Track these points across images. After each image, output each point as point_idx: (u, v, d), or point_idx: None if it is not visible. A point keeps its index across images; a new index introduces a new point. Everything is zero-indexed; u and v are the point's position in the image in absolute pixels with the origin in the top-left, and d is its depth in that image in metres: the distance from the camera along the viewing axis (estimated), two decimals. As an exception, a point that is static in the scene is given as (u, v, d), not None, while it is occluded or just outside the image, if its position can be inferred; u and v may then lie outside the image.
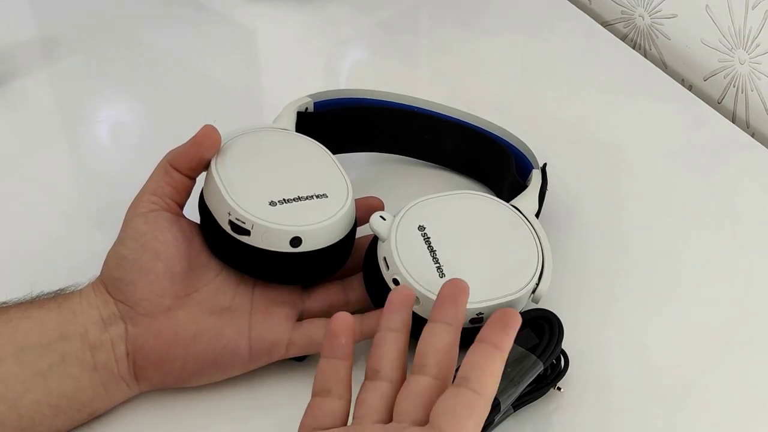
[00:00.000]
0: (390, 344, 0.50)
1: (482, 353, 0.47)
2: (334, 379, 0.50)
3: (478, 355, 0.47)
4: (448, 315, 0.50)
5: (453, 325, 0.50)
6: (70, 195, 0.75)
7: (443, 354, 0.49)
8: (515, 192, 0.65)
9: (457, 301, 0.50)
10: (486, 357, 0.47)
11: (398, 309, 0.51)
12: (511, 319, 0.48)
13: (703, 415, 0.60)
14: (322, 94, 0.70)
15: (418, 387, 0.48)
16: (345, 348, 0.50)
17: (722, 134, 0.81)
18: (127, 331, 0.56)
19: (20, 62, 0.84)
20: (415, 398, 0.48)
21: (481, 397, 0.46)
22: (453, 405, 0.46)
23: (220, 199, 0.57)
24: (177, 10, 0.92)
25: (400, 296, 0.52)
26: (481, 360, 0.47)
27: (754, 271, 0.69)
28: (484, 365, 0.47)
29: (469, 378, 0.46)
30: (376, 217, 0.59)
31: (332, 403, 0.49)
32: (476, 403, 0.46)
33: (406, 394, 0.48)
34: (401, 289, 0.52)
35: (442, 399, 0.46)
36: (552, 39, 0.91)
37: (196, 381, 0.58)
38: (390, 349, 0.50)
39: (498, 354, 0.47)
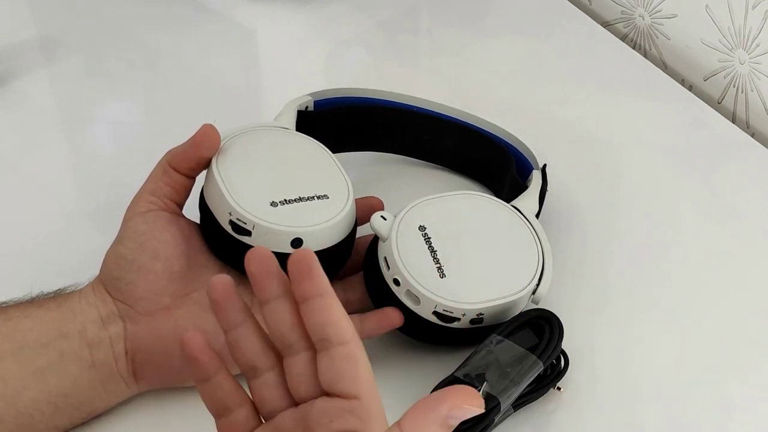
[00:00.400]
0: (248, 338, 0.47)
1: (316, 309, 0.44)
2: (221, 395, 0.47)
3: (315, 314, 0.44)
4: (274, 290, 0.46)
5: (284, 296, 0.46)
6: (70, 195, 0.75)
7: (299, 326, 0.46)
8: (515, 192, 0.65)
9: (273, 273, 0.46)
10: (322, 310, 0.44)
11: (228, 304, 0.47)
12: (305, 260, 0.44)
13: (703, 415, 0.60)
14: (322, 93, 0.70)
15: (299, 367, 0.46)
16: (210, 364, 0.47)
17: (722, 134, 0.81)
18: (126, 330, 0.56)
19: (20, 62, 0.84)
20: (305, 378, 0.46)
21: (349, 343, 0.44)
22: (336, 369, 0.44)
23: (221, 198, 0.57)
24: (177, 10, 0.92)
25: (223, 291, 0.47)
26: (320, 316, 0.44)
27: (755, 271, 0.69)
28: (328, 317, 0.44)
29: (327, 337, 0.44)
30: (377, 217, 0.59)
31: (237, 414, 0.47)
32: (351, 352, 0.44)
33: (295, 378, 0.46)
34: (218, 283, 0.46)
35: (322, 369, 0.45)
36: (552, 39, 0.91)
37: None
38: (251, 342, 0.47)
39: (325, 300, 0.44)
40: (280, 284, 0.46)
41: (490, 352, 0.57)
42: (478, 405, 0.44)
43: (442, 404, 0.44)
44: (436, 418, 0.43)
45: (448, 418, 0.44)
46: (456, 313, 0.57)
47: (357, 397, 0.44)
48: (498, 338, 0.57)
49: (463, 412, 0.44)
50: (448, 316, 0.57)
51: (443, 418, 0.44)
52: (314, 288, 0.44)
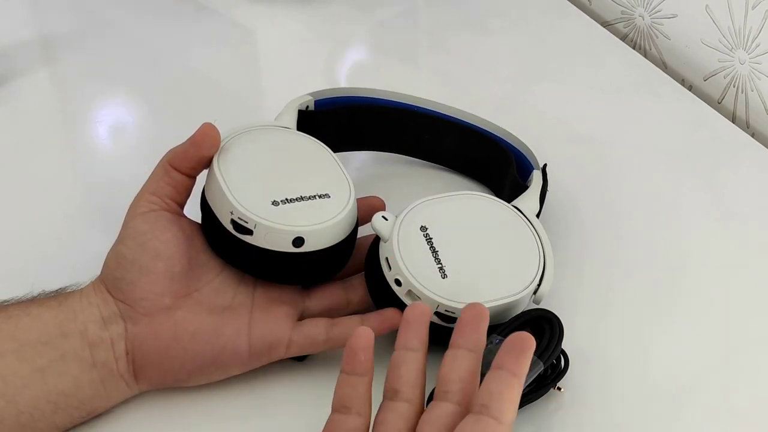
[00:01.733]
0: (409, 364, 0.50)
1: (500, 380, 0.46)
2: (353, 395, 0.49)
3: (496, 383, 0.46)
4: (471, 341, 0.50)
5: (474, 351, 0.49)
6: (70, 195, 0.75)
7: (466, 381, 0.49)
8: (516, 192, 0.65)
9: (479, 328, 0.50)
10: (504, 384, 0.46)
11: (415, 327, 0.50)
12: (526, 343, 0.47)
13: (703, 415, 0.60)
14: (323, 93, 0.70)
15: (441, 413, 0.48)
16: (365, 364, 0.49)
17: (722, 134, 0.81)
18: (127, 330, 0.56)
19: (20, 62, 0.84)
20: (438, 424, 0.47)
21: (501, 425, 0.46)
22: (476, 430, 0.45)
23: (222, 198, 0.57)
24: (177, 10, 0.92)
25: (417, 313, 0.51)
26: (499, 387, 0.46)
27: (755, 271, 0.69)
28: (503, 392, 0.46)
29: (489, 406, 0.46)
30: (379, 218, 0.59)
31: (352, 420, 0.49)
32: (497, 430, 0.46)
33: (429, 419, 0.48)
34: (418, 306, 0.51)
35: (464, 425, 0.46)
36: (552, 39, 0.91)
37: (195, 380, 0.58)
38: (409, 370, 0.50)
39: (516, 381, 0.47)
40: (479, 342, 0.50)
41: (490, 351, 0.57)
42: None
43: None
44: None
45: None
46: (457, 314, 0.57)
47: None
48: (498, 338, 0.57)
49: None
50: (450, 316, 0.57)
51: None
52: (514, 366, 0.47)
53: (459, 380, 0.48)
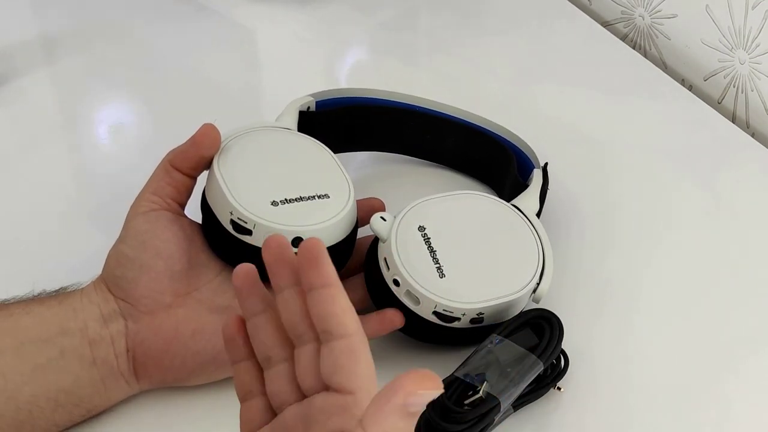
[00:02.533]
0: (263, 328, 0.47)
1: (320, 300, 0.44)
2: (248, 379, 0.48)
3: (319, 305, 0.44)
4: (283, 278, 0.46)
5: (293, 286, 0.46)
6: (71, 195, 0.75)
7: (307, 316, 0.45)
8: (516, 192, 0.65)
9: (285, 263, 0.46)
10: (326, 302, 0.44)
11: (249, 293, 0.47)
12: (314, 249, 0.44)
13: (703, 415, 0.60)
14: (323, 93, 0.70)
15: (305, 358, 0.46)
16: (244, 348, 0.48)
17: (722, 134, 0.81)
18: (128, 328, 0.56)
19: (20, 62, 0.84)
20: (310, 370, 0.45)
21: (350, 336, 0.44)
22: (334, 362, 0.43)
23: (222, 198, 0.57)
24: (177, 10, 0.92)
25: (243, 279, 0.47)
26: (324, 308, 0.44)
27: (755, 270, 0.69)
28: (330, 310, 0.43)
29: (329, 329, 0.44)
30: (377, 218, 0.59)
31: (256, 402, 0.48)
32: (351, 346, 0.44)
33: (300, 370, 0.46)
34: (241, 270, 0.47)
35: (322, 361, 0.44)
36: (552, 39, 0.91)
37: (195, 379, 0.58)
38: (266, 333, 0.47)
39: (331, 290, 0.44)
40: (294, 273, 0.45)
41: (490, 352, 0.57)
42: (434, 387, 0.42)
43: (397, 394, 0.41)
44: (394, 409, 0.41)
45: (406, 407, 0.41)
46: (456, 313, 0.57)
47: (352, 392, 0.43)
48: (498, 338, 0.57)
49: (420, 399, 0.41)
50: (448, 315, 0.57)
51: (401, 408, 0.41)
52: (320, 278, 0.44)
53: (301, 318, 0.46)
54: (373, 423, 0.41)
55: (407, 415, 0.41)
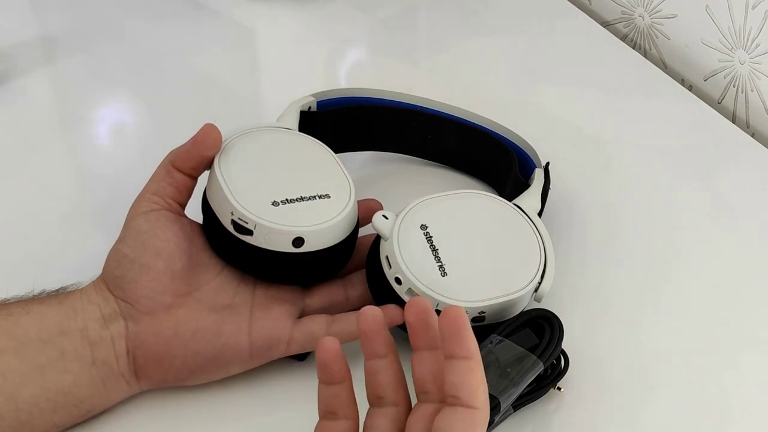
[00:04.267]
0: (384, 371, 0.49)
1: (458, 369, 0.46)
2: (336, 402, 0.49)
3: (456, 374, 0.46)
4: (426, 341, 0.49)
5: (433, 348, 0.49)
6: (70, 195, 0.75)
7: (440, 378, 0.48)
8: (518, 191, 0.65)
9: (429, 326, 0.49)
10: (463, 371, 0.46)
11: (375, 337, 0.49)
12: (458, 320, 0.46)
13: (703, 415, 0.60)
14: (324, 93, 0.70)
15: (425, 412, 0.48)
16: (339, 373, 0.49)
17: (722, 134, 0.81)
18: (128, 328, 0.56)
19: (20, 62, 0.84)
20: (424, 422, 0.48)
21: (477, 410, 0.46)
22: (452, 421, 0.45)
23: (223, 198, 0.57)
24: (177, 9, 0.92)
25: (371, 322, 0.49)
26: (460, 377, 0.46)
27: (755, 270, 0.69)
28: (466, 380, 0.46)
29: (458, 396, 0.46)
30: (379, 216, 0.59)
31: (339, 424, 0.49)
32: (474, 416, 0.46)
33: (414, 419, 0.48)
34: (369, 315, 0.49)
35: (441, 417, 0.46)
36: (552, 39, 0.91)
37: (196, 379, 0.58)
38: (386, 375, 0.49)
39: (470, 362, 0.46)
40: (434, 337, 0.48)
41: (490, 352, 0.57)
42: None
43: None
44: None
45: None
46: (457, 312, 0.57)
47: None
48: (498, 338, 0.57)
49: None
50: (450, 315, 0.57)
51: None
52: (462, 351, 0.46)
53: (433, 379, 0.48)
54: None
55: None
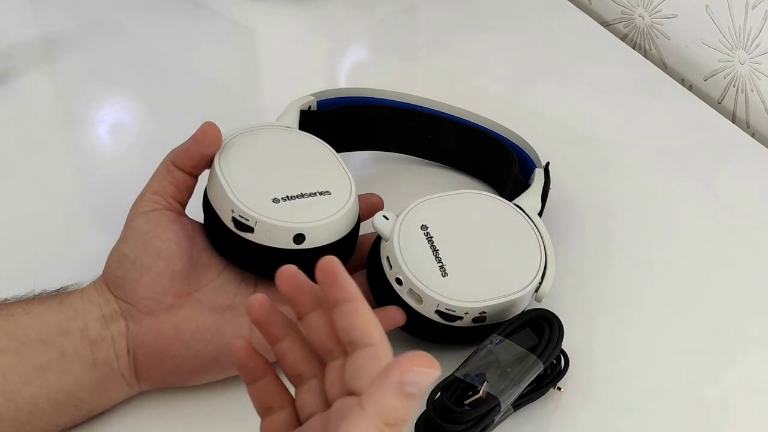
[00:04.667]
0: (291, 350, 0.49)
1: (344, 313, 0.45)
2: (267, 397, 0.49)
3: (343, 318, 0.45)
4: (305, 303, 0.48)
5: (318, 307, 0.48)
6: (71, 195, 0.75)
7: (332, 334, 0.47)
8: (518, 191, 0.65)
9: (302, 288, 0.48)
10: (349, 314, 0.45)
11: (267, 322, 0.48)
12: (331, 268, 0.45)
13: (703, 415, 0.60)
14: (325, 93, 0.70)
15: (334, 371, 0.47)
16: (257, 370, 0.49)
17: (722, 134, 0.81)
18: (128, 328, 0.56)
19: (20, 62, 0.84)
20: (336, 380, 0.47)
21: (374, 345, 0.45)
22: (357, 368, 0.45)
23: (223, 196, 0.57)
24: (177, 9, 0.92)
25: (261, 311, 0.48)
26: (348, 320, 0.45)
27: (755, 270, 0.69)
28: (354, 321, 0.45)
29: (353, 340, 0.45)
30: (379, 217, 0.59)
31: (279, 415, 0.49)
32: (375, 352, 0.45)
33: (329, 382, 0.47)
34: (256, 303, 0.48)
35: (347, 367, 0.45)
36: (552, 39, 0.91)
37: (196, 379, 0.58)
38: (294, 353, 0.49)
39: (354, 304, 0.45)
40: (313, 297, 0.47)
41: (490, 352, 0.57)
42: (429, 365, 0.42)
43: (393, 372, 0.42)
44: (391, 388, 0.41)
45: (403, 385, 0.41)
46: (459, 312, 0.57)
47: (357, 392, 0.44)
48: (498, 338, 0.57)
49: (417, 376, 0.42)
50: (451, 315, 0.57)
51: (397, 385, 0.41)
52: (341, 293, 0.45)
53: (328, 336, 0.47)
54: (371, 402, 0.42)
55: (404, 395, 0.42)
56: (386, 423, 0.42)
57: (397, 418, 0.42)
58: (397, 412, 0.42)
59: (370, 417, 0.41)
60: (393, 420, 0.42)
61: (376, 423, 0.41)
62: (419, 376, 0.42)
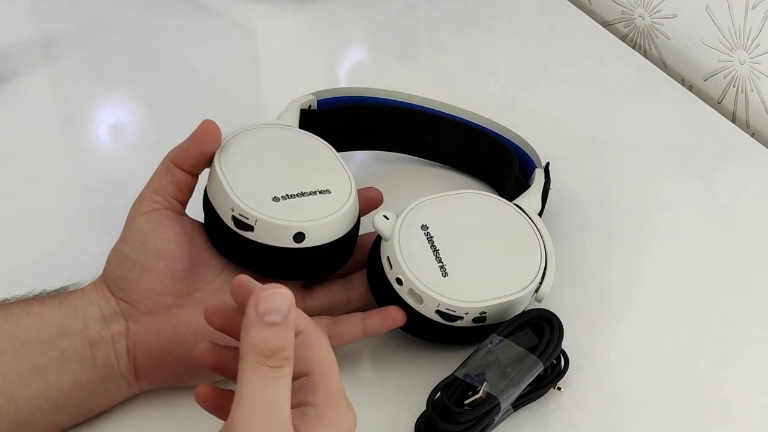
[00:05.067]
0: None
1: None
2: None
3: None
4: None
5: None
6: (70, 195, 0.75)
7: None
8: (518, 191, 0.65)
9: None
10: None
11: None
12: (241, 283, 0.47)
13: (703, 415, 0.60)
14: (325, 92, 0.70)
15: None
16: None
17: (722, 134, 0.81)
18: (128, 328, 0.56)
19: (20, 62, 0.84)
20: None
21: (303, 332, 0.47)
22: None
23: (223, 194, 0.57)
24: (177, 9, 0.92)
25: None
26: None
27: (755, 271, 0.69)
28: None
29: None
30: (380, 217, 0.59)
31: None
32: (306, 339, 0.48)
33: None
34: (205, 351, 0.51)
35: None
36: (552, 39, 0.91)
37: (197, 379, 0.58)
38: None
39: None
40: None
41: (490, 352, 0.57)
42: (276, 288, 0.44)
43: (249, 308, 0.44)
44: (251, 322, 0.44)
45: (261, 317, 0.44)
46: (459, 312, 0.57)
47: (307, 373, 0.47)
48: (498, 338, 0.57)
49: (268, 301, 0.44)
50: (451, 315, 0.57)
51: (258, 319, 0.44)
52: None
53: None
54: (243, 347, 0.44)
55: (267, 325, 0.44)
56: (264, 356, 0.44)
57: (272, 347, 0.44)
58: (267, 342, 0.44)
59: (249, 359, 0.44)
60: (269, 351, 0.44)
61: (255, 361, 0.44)
62: (271, 301, 0.44)
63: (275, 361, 0.44)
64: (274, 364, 0.44)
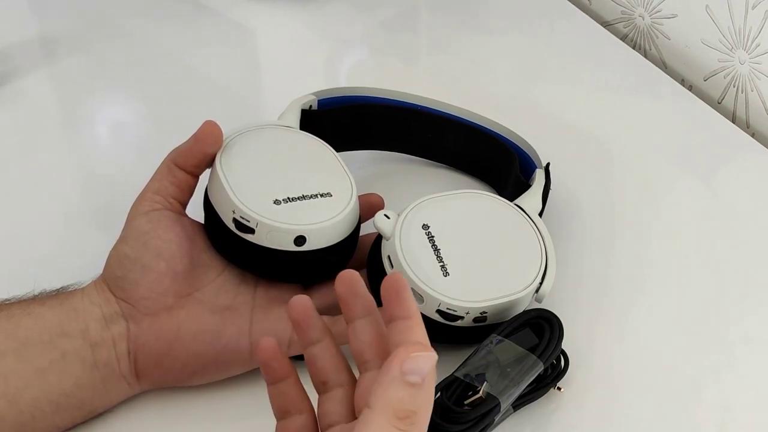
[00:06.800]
0: (323, 355, 0.49)
1: (399, 330, 0.45)
2: (286, 400, 0.49)
3: (397, 334, 0.45)
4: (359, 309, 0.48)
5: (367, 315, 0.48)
6: (71, 195, 0.75)
7: (377, 343, 0.48)
8: (519, 191, 0.65)
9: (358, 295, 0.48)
10: (404, 331, 0.45)
11: (307, 324, 0.49)
12: (398, 283, 0.46)
13: (704, 415, 0.60)
14: (326, 92, 0.70)
15: (367, 382, 0.48)
16: (280, 370, 0.49)
17: (722, 134, 0.81)
18: (129, 329, 0.56)
19: (20, 62, 0.84)
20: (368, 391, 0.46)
21: None
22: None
23: (224, 197, 0.57)
24: (177, 9, 0.92)
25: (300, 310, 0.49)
26: (402, 336, 0.45)
27: (755, 270, 0.69)
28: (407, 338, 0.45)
29: None
30: (381, 216, 0.59)
31: (296, 420, 0.49)
32: None
33: (360, 391, 0.48)
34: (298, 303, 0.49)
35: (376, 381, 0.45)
36: (552, 39, 0.91)
37: (197, 380, 0.58)
38: (325, 359, 0.49)
39: (410, 322, 0.45)
40: (365, 305, 0.48)
41: (490, 352, 0.57)
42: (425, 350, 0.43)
43: (393, 364, 0.42)
44: (394, 380, 0.42)
45: (404, 375, 0.42)
46: (459, 312, 0.57)
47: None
48: (498, 338, 0.57)
49: (414, 362, 0.42)
50: (452, 314, 0.57)
51: (399, 377, 0.42)
52: (403, 311, 0.45)
53: (369, 346, 0.48)
54: (377, 400, 0.42)
55: (408, 385, 0.42)
56: (397, 417, 0.42)
57: (407, 410, 0.42)
58: (404, 404, 0.42)
59: (380, 414, 0.42)
60: (403, 413, 0.42)
61: (387, 419, 0.42)
62: (417, 362, 0.42)
63: (405, 424, 0.43)
64: (403, 428, 0.43)
